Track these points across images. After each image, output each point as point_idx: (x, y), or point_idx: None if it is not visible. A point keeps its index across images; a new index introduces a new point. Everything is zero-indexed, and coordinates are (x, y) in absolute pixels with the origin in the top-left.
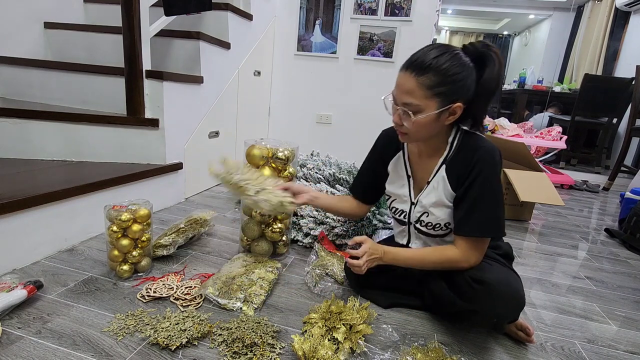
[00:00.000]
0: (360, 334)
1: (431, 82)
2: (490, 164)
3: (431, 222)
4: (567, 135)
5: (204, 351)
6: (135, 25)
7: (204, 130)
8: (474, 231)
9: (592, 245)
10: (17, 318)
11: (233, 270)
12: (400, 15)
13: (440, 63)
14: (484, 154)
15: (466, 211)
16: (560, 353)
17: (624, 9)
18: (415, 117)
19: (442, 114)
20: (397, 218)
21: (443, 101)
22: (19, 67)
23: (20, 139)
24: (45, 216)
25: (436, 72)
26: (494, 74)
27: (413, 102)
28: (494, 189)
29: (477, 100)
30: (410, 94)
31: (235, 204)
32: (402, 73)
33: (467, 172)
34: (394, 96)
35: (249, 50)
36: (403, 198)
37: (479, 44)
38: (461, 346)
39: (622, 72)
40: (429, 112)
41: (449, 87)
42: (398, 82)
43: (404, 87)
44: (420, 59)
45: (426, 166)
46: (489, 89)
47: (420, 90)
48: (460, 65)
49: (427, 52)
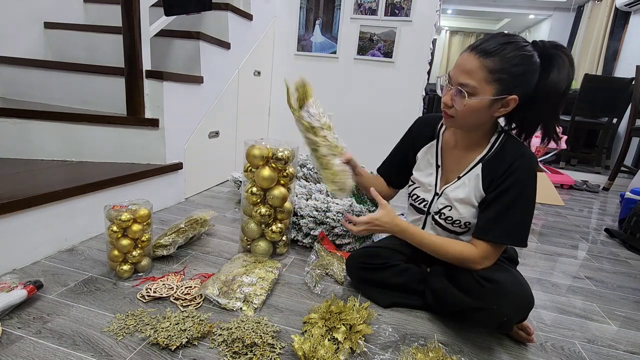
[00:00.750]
0: (360, 334)
1: (494, 67)
2: (529, 174)
3: (452, 216)
4: (567, 135)
5: (204, 351)
6: (135, 25)
7: (204, 130)
8: (500, 237)
9: (592, 245)
10: (17, 318)
11: (233, 270)
12: (400, 15)
13: (507, 50)
14: (525, 163)
15: (496, 216)
16: (560, 353)
17: (624, 9)
18: (468, 99)
19: (495, 103)
20: (417, 206)
21: (500, 89)
22: (19, 67)
23: (20, 139)
24: (45, 216)
25: (501, 58)
26: (561, 78)
27: (470, 82)
28: (528, 199)
29: (536, 100)
30: (470, 74)
31: (235, 204)
32: (466, 54)
33: (505, 177)
34: (450, 76)
35: (249, 50)
36: (427, 187)
37: (549, 43)
38: (461, 346)
39: (622, 72)
40: (484, 97)
41: (509, 76)
42: (459, 62)
43: (465, 66)
44: (488, 43)
45: (459, 159)
46: (552, 92)
47: (481, 72)
48: (526, 58)
49: (496, 38)
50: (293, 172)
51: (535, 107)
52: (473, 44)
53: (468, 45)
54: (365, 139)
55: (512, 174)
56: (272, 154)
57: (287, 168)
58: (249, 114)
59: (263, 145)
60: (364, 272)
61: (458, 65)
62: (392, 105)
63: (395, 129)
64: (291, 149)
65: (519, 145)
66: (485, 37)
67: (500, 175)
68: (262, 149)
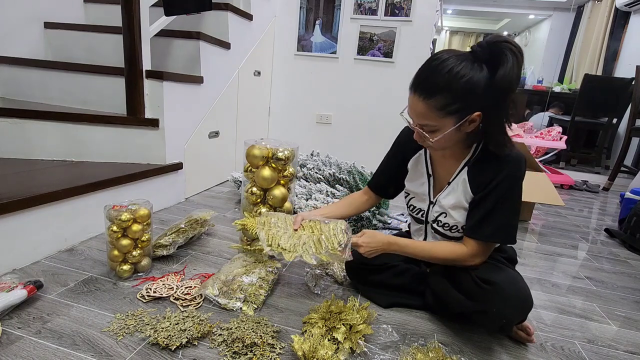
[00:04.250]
0: (360, 334)
1: (441, 104)
2: (516, 174)
3: (448, 223)
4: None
5: (204, 351)
6: (135, 25)
7: (204, 130)
8: (489, 236)
9: (592, 245)
10: (17, 318)
11: (233, 270)
12: (400, 15)
13: (447, 81)
14: (511, 163)
15: (484, 215)
16: (560, 353)
17: (624, 9)
18: (434, 136)
19: (462, 126)
20: (415, 216)
21: (459, 116)
22: (19, 67)
23: (20, 139)
24: (45, 216)
25: (445, 91)
26: (507, 72)
27: (429, 123)
28: (515, 199)
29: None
30: (424, 117)
31: (235, 204)
32: (412, 95)
33: (491, 178)
34: (410, 115)
35: (249, 50)
36: (422, 196)
37: (488, 42)
38: (461, 346)
39: (622, 72)
40: (447, 130)
41: (461, 104)
42: (410, 104)
43: (416, 110)
44: (426, 80)
45: (448, 166)
46: (503, 89)
47: (432, 113)
48: (469, 77)
49: (433, 70)
50: (293, 172)
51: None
52: (414, 80)
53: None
54: (365, 139)
55: (498, 174)
56: (272, 154)
57: (287, 168)
58: (249, 114)
59: (263, 145)
60: (364, 272)
61: (411, 107)
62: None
63: (395, 129)
64: (291, 149)
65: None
66: (423, 68)
67: (487, 176)
68: (262, 149)
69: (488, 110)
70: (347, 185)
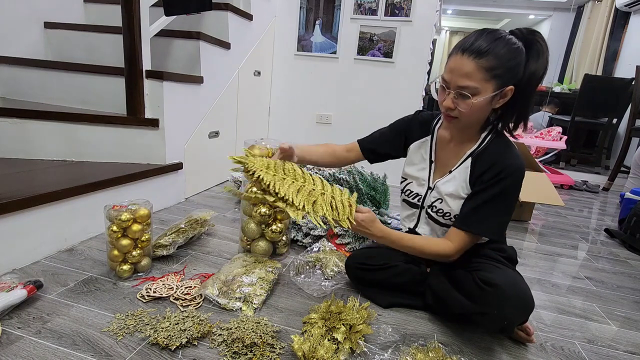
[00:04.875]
0: (360, 334)
1: (490, 65)
2: (516, 178)
3: (443, 209)
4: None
5: (204, 351)
6: (135, 25)
7: (204, 130)
8: (477, 228)
9: (592, 245)
10: (17, 318)
11: (233, 270)
12: (400, 15)
13: (498, 46)
14: (514, 167)
15: (476, 207)
16: (560, 353)
17: (624, 9)
18: (473, 100)
19: (496, 96)
20: (410, 201)
21: (499, 84)
22: (19, 67)
23: (20, 139)
24: (45, 216)
25: (495, 55)
26: (539, 65)
27: (471, 84)
28: (510, 198)
29: (522, 88)
30: (469, 76)
31: (235, 204)
32: (458, 56)
33: (491, 173)
34: (447, 80)
35: (249, 50)
36: (421, 181)
37: (525, 30)
38: (461, 346)
39: (622, 73)
40: (486, 95)
41: (505, 70)
42: (452, 66)
43: (462, 70)
44: (478, 43)
45: (453, 154)
46: (532, 80)
47: (479, 73)
48: (515, 49)
49: (483, 36)
50: None
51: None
52: (462, 45)
53: (455, 47)
54: None
55: (499, 171)
56: (272, 154)
57: None
58: (249, 114)
59: (263, 145)
60: (363, 272)
61: (454, 69)
62: (392, 105)
63: None
64: None
65: (508, 144)
66: (471, 36)
67: (487, 170)
68: (262, 149)
69: (519, 90)
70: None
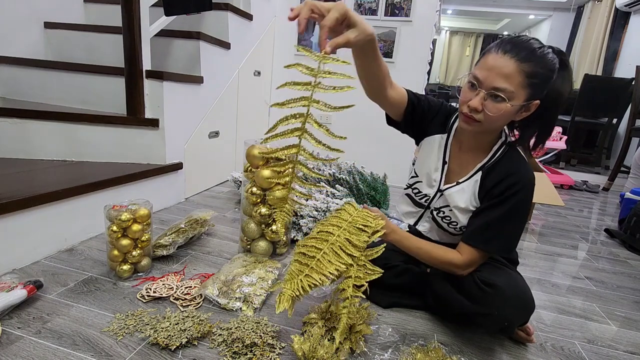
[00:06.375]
0: (360, 334)
1: (531, 71)
2: (526, 193)
3: (450, 217)
4: (567, 135)
5: (204, 351)
6: (135, 25)
7: (204, 130)
8: (487, 245)
9: (592, 245)
10: (17, 318)
11: (233, 270)
12: (400, 15)
13: (540, 56)
14: (524, 181)
15: (487, 224)
16: (560, 353)
17: (624, 9)
18: (496, 108)
19: (523, 107)
20: (417, 200)
21: (531, 94)
22: (19, 67)
23: (20, 139)
24: (45, 216)
25: (537, 63)
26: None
27: (508, 87)
28: (522, 215)
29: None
30: (508, 78)
31: (235, 204)
32: (499, 55)
33: (501, 188)
34: (480, 78)
35: (249, 50)
36: (432, 182)
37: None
38: (461, 346)
39: (622, 73)
40: (518, 102)
41: (540, 82)
42: (493, 64)
43: (503, 70)
44: (525, 45)
45: (462, 162)
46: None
47: (519, 77)
48: (554, 64)
49: (528, 42)
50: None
51: (539, 113)
52: (502, 45)
53: (496, 45)
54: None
55: (509, 187)
56: None
57: None
58: (249, 114)
59: (263, 145)
60: None
61: (492, 68)
62: None
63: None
64: None
65: (520, 159)
66: (512, 39)
67: (497, 185)
68: (262, 149)
69: (542, 107)
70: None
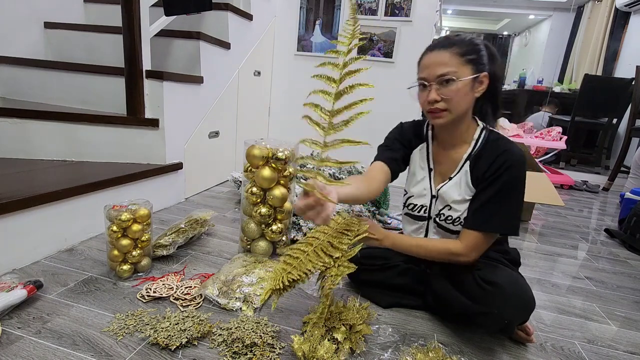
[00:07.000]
0: (360, 334)
1: (461, 51)
2: (516, 169)
3: (452, 215)
4: (567, 135)
5: (204, 351)
6: (135, 25)
7: (204, 130)
8: (485, 225)
9: (592, 245)
10: (17, 318)
11: (233, 270)
12: (400, 15)
13: (463, 38)
14: (512, 158)
15: (482, 205)
16: (560, 353)
17: (624, 10)
18: (456, 83)
19: (475, 82)
20: (416, 215)
21: (475, 68)
22: (19, 67)
23: (20, 139)
24: (45, 216)
25: (462, 43)
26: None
27: (450, 69)
28: (514, 192)
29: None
30: (446, 64)
31: (235, 204)
32: (430, 53)
33: (492, 169)
34: (425, 77)
35: (249, 50)
36: (423, 192)
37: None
38: (461, 346)
39: (622, 73)
40: (466, 77)
41: (477, 55)
42: (428, 62)
43: (437, 60)
44: (444, 38)
45: (449, 160)
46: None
47: (455, 59)
48: (478, 42)
49: (445, 36)
50: (293, 172)
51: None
52: (429, 48)
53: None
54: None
55: (499, 166)
56: (272, 154)
57: (287, 168)
58: (249, 114)
59: (263, 145)
60: (363, 273)
61: (429, 64)
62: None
63: None
64: (291, 149)
65: (505, 140)
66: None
67: (487, 168)
68: (262, 149)
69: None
70: None
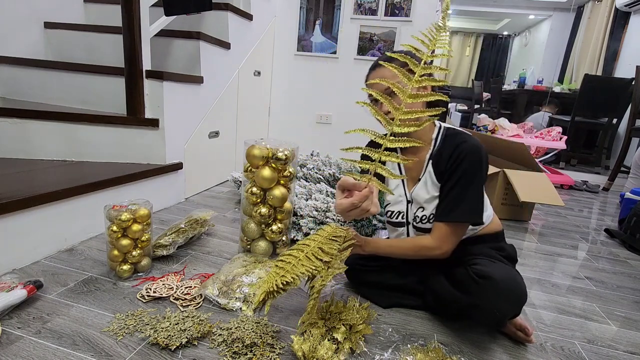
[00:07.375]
0: (360, 334)
1: (401, 64)
2: (472, 157)
3: (426, 214)
4: (567, 135)
5: (204, 351)
6: (135, 25)
7: (204, 130)
8: (453, 215)
9: (592, 245)
10: (17, 318)
11: (233, 270)
12: (400, 15)
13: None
14: (467, 148)
15: (447, 196)
16: (560, 353)
17: (624, 10)
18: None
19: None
20: (395, 221)
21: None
22: (19, 67)
23: (20, 139)
24: (45, 216)
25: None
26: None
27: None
28: (472, 180)
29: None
30: (390, 77)
31: (235, 204)
32: (373, 73)
33: (450, 163)
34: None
35: (249, 50)
36: (399, 199)
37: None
38: (461, 346)
39: (622, 73)
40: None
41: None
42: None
43: (384, 74)
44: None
45: (416, 164)
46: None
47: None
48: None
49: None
50: (293, 172)
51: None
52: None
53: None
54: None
55: (456, 158)
56: (272, 154)
57: (287, 168)
58: (249, 114)
59: (263, 145)
60: (363, 274)
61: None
62: None
63: None
64: (291, 149)
65: (462, 134)
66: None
67: (446, 162)
68: (262, 149)
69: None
70: None
